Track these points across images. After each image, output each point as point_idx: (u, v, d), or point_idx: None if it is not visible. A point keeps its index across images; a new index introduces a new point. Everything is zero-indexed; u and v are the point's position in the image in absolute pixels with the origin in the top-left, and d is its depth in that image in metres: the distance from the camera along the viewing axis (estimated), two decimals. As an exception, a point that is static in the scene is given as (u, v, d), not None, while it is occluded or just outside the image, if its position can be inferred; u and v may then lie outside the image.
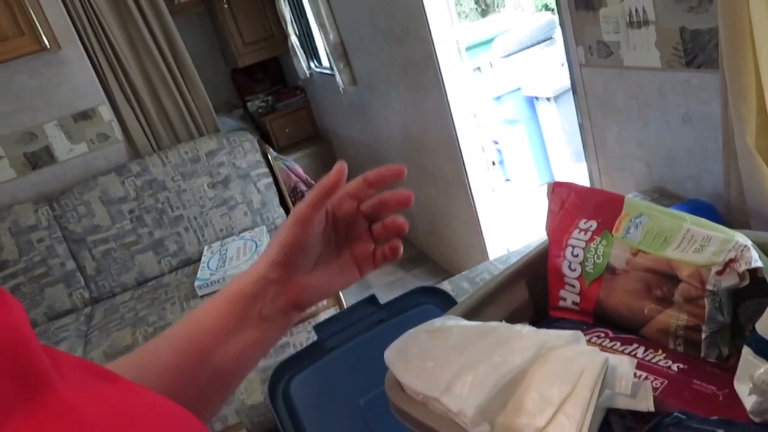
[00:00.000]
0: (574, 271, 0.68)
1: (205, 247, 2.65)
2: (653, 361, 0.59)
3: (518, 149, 3.80)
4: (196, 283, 2.33)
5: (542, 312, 0.72)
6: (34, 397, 0.26)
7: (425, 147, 2.82)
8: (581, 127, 1.69)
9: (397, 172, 0.50)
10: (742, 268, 0.55)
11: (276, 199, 2.80)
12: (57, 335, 2.33)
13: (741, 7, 0.96)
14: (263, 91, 5.14)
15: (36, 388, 0.27)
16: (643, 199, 1.41)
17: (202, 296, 2.31)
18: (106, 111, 2.70)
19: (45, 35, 2.34)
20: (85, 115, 2.68)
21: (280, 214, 2.81)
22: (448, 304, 0.96)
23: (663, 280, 0.61)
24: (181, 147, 2.72)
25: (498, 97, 3.72)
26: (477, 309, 0.66)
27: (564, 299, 0.69)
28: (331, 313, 1.41)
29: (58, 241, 2.53)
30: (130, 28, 2.67)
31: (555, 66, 3.49)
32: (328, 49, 3.40)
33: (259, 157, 2.76)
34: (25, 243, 2.49)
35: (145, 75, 2.75)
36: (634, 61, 1.36)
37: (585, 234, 0.68)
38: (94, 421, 0.28)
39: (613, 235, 0.66)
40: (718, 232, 0.59)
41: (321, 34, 3.44)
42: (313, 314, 1.87)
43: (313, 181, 3.01)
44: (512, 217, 2.70)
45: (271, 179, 2.78)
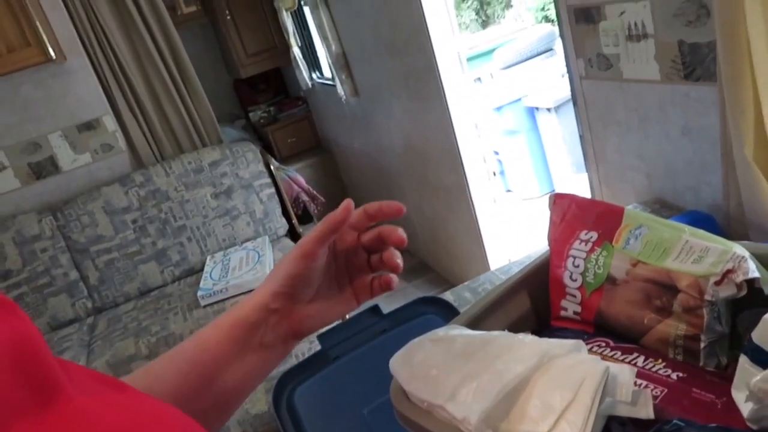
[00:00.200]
0: (575, 281, 0.69)
1: (208, 257, 2.66)
2: (653, 369, 0.60)
3: (519, 160, 3.82)
4: (199, 293, 2.33)
5: (544, 322, 0.73)
6: (46, 402, 0.27)
7: (426, 157, 2.83)
8: (582, 138, 1.70)
9: (397, 210, 0.52)
10: (740, 278, 0.56)
11: (278, 209, 2.81)
12: (60, 345, 2.34)
13: (738, 22, 0.97)
14: (265, 102, 5.15)
15: (48, 393, 0.28)
16: (643, 209, 1.42)
17: (205, 306, 2.32)
18: (110, 121, 2.72)
19: (51, 46, 2.36)
20: (90, 126, 2.70)
21: (282, 224, 2.82)
22: (450, 313, 0.97)
23: (662, 290, 0.62)
24: (185, 157, 2.73)
25: (499, 108, 3.74)
26: (480, 318, 0.67)
27: (565, 309, 0.70)
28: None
29: (61, 250, 2.54)
30: (135, 39, 2.69)
31: (555, 77, 3.51)
32: (330, 60, 3.42)
33: (261, 167, 2.78)
34: (29, 253, 2.50)
35: (149, 85, 2.77)
36: (634, 74, 1.38)
37: (586, 245, 0.69)
38: (104, 425, 0.29)
39: (613, 246, 0.67)
40: (717, 243, 0.60)
41: (323, 45, 3.46)
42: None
43: (314, 192, 3.03)
44: (513, 228, 2.70)
45: (273, 189, 2.80)
